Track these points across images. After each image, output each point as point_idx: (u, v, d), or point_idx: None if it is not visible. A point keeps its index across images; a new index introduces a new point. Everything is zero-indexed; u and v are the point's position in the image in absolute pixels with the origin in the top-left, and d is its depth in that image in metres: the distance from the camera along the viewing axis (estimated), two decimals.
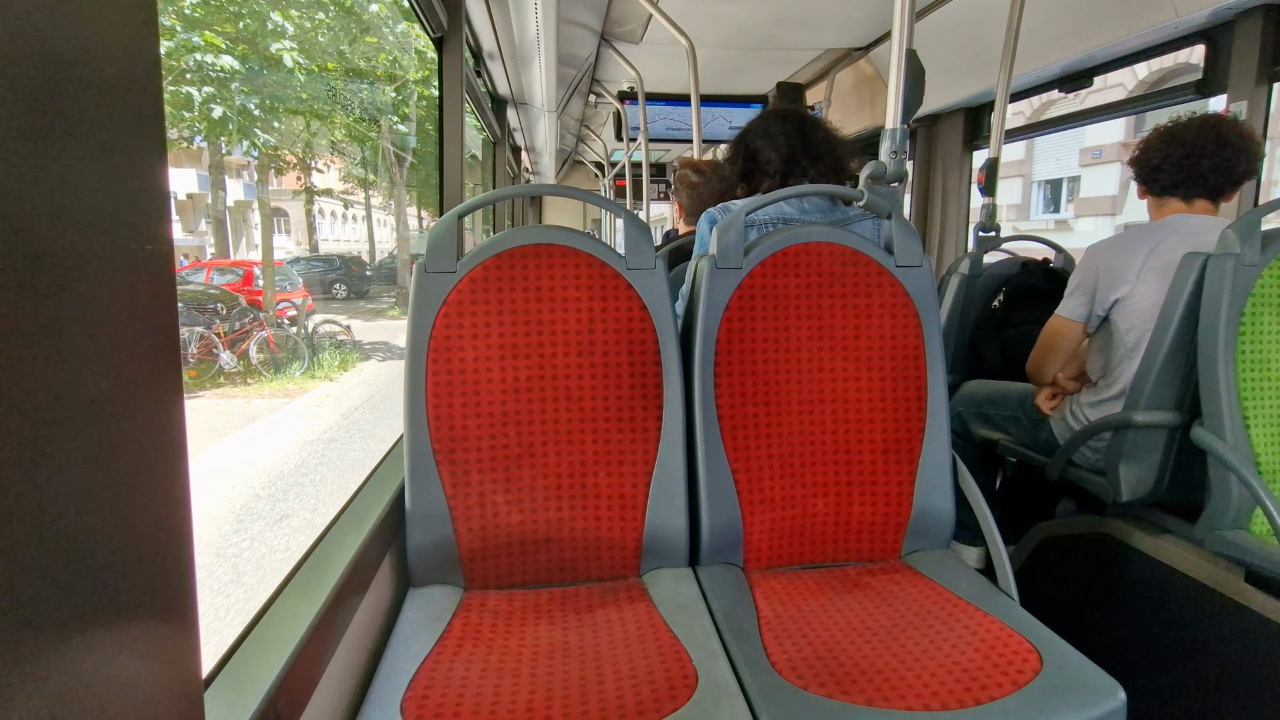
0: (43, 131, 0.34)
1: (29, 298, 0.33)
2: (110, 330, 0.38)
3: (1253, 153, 1.55)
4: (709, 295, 1.22)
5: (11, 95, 0.32)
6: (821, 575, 1.21)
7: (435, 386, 1.14)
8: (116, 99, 0.39)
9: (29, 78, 0.33)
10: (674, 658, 0.93)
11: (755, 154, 1.59)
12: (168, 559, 0.43)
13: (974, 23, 2.71)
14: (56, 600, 0.35)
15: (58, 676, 0.34)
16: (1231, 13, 1.93)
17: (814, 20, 3.07)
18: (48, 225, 0.34)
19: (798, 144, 1.54)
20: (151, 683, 0.42)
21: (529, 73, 3.48)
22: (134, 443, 0.40)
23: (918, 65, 1.33)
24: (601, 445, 1.18)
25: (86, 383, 0.36)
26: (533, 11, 2.37)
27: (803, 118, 1.61)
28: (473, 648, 0.98)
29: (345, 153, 6.51)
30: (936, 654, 0.96)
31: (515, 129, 5.43)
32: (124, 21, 0.40)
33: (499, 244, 1.17)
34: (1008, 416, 1.96)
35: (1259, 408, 1.33)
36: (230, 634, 0.74)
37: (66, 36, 0.35)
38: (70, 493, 0.35)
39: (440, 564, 1.14)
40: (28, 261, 0.32)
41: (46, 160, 0.34)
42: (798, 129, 1.57)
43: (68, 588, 0.35)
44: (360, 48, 5.23)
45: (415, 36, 7.53)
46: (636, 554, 1.20)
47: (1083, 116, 2.74)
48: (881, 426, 1.26)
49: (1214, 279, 1.34)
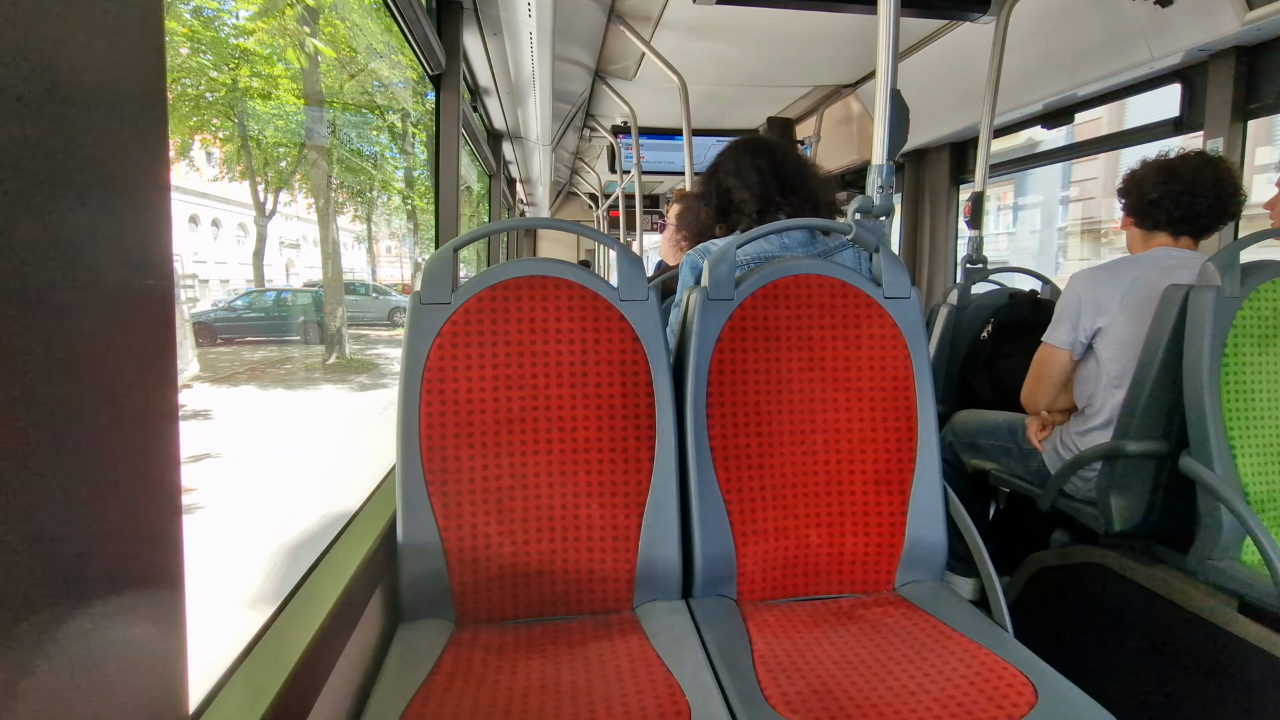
0: (52, 169, 0.35)
1: (33, 324, 0.33)
2: (108, 357, 0.39)
3: (1240, 194, 1.59)
4: (701, 326, 1.23)
5: (22, 134, 0.33)
6: (815, 608, 1.21)
7: (428, 417, 1.14)
8: (123, 139, 0.40)
9: (39, 117, 0.34)
10: (667, 693, 0.92)
11: (728, 193, 1.57)
12: (157, 601, 0.43)
13: (957, 61, 2.79)
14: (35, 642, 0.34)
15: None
16: (1205, 54, 2.00)
17: (803, 59, 3.15)
18: (53, 258, 0.35)
19: (770, 179, 1.53)
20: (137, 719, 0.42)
21: (525, 108, 3.55)
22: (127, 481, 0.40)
23: (902, 104, 1.37)
24: (594, 476, 1.18)
25: (83, 410, 0.37)
26: (528, 50, 2.43)
27: (771, 150, 1.58)
28: (463, 684, 0.96)
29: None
30: (931, 688, 0.95)
31: (510, 161, 5.51)
32: (132, 61, 0.41)
33: (493, 276, 1.19)
34: (998, 446, 1.97)
35: (1245, 437, 1.35)
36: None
37: (76, 77, 0.36)
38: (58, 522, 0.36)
39: (431, 598, 1.13)
40: (33, 291, 0.33)
41: (54, 196, 0.35)
42: (769, 163, 1.54)
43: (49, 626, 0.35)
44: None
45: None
46: (629, 586, 1.19)
47: (1065, 153, 2.81)
48: (873, 457, 1.26)
49: (1196, 311, 1.37)
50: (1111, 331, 1.58)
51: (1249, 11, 1.72)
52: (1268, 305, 1.38)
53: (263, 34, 2.76)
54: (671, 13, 2.53)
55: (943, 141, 3.30)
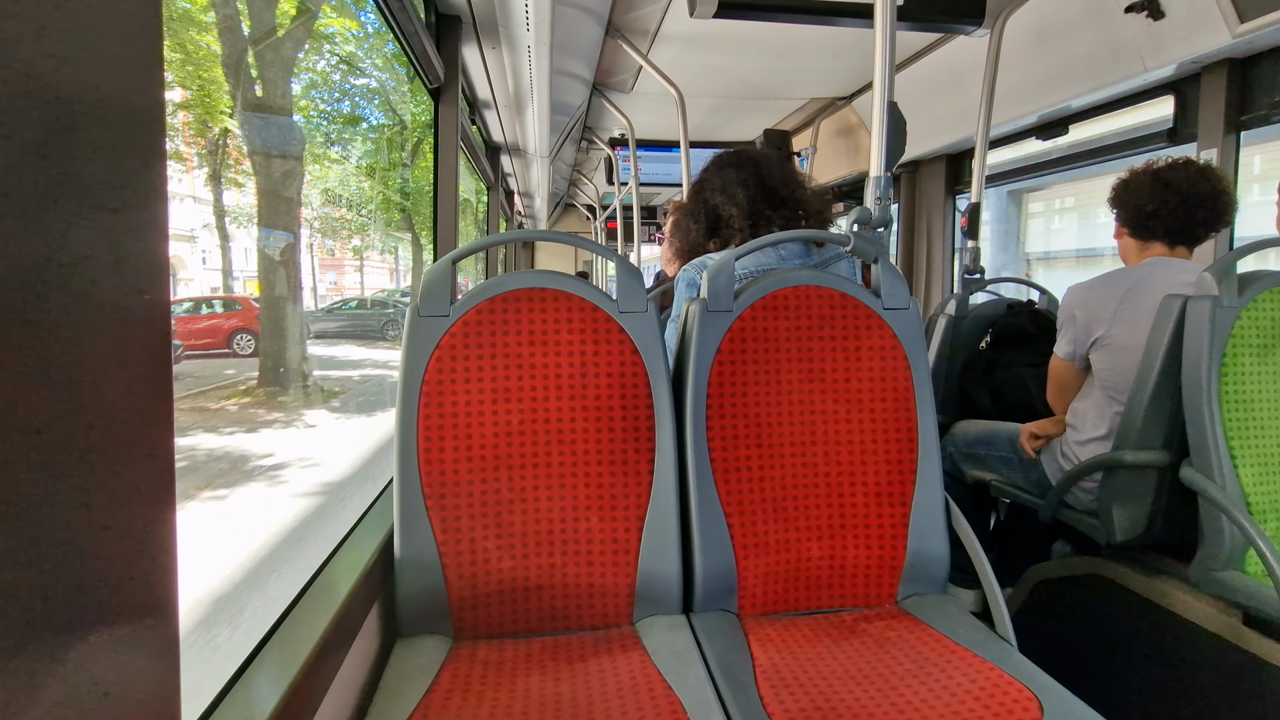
0: (50, 181, 0.34)
1: (29, 334, 0.33)
2: (104, 369, 0.39)
3: (1234, 203, 1.60)
4: (700, 338, 1.23)
5: (20, 146, 0.33)
6: (817, 622, 1.20)
7: (427, 430, 1.13)
8: (121, 151, 0.40)
9: (37, 130, 0.34)
10: (668, 709, 0.91)
11: (716, 209, 1.56)
12: (149, 617, 0.43)
13: (953, 73, 2.82)
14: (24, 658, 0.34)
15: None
16: (1197, 66, 2.02)
17: (799, 71, 3.18)
18: (49, 262, 0.34)
19: (757, 194, 1.52)
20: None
21: (523, 121, 3.57)
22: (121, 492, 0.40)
23: (899, 116, 1.38)
24: (594, 489, 1.17)
25: (78, 421, 0.36)
26: (527, 63, 2.45)
27: (756, 162, 1.56)
28: (461, 701, 0.95)
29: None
30: (935, 703, 0.94)
31: (509, 174, 5.54)
32: (131, 75, 0.41)
33: (492, 288, 1.18)
34: (999, 457, 1.96)
35: (1246, 447, 1.35)
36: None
37: (74, 89, 0.36)
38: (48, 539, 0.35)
39: (429, 613, 1.12)
40: (29, 294, 0.33)
41: (52, 207, 0.35)
42: (754, 176, 1.53)
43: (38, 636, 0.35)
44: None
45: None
46: (629, 601, 1.18)
47: (1059, 163, 2.83)
48: (874, 469, 1.26)
49: (1194, 321, 1.37)
50: (1106, 342, 1.58)
51: (1241, 23, 1.74)
52: (1265, 315, 1.38)
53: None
54: (669, 26, 2.55)
55: (938, 153, 3.32)
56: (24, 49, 0.33)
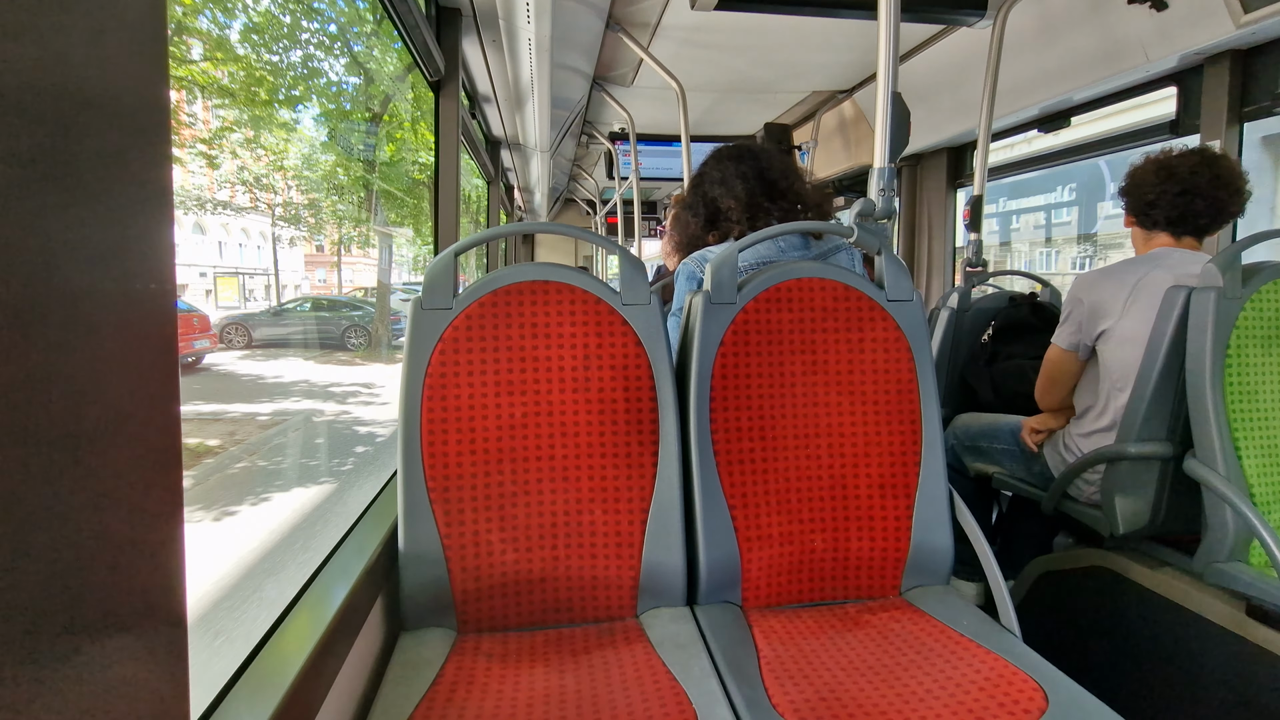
0: (56, 172, 0.34)
1: (34, 329, 0.33)
2: (110, 359, 0.38)
3: (1243, 193, 1.57)
4: (703, 330, 1.22)
5: (27, 137, 0.32)
6: (821, 613, 1.20)
7: (430, 424, 1.13)
8: (127, 143, 0.39)
9: (44, 121, 0.33)
10: (673, 701, 0.91)
11: (715, 203, 1.56)
12: (158, 610, 0.43)
13: (954, 66, 2.81)
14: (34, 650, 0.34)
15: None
16: (1200, 58, 2.01)
17: (800, 65, 3.16)
18: (55, 261, 0.34)
19: (755, 186, 1.52)
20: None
21: (523, 115, 3.56)
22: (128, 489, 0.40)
23: (903, 107, 1.37)
24: (598, 482, 1.17)
25: (84, 410, 0.36)
26: (527, 57, 2.44)
27: (755, 155, 1.57)
28: (466, 694, 0.95)
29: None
30: (940, 694, 0.94)
31: (509, 169, 5.52)
32: (136, 66, 0.40)
33: (494, 281, 1.18)
34: (1001, 449, 1.96)
35: (1250, 438, 1.35)
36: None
37: (80, 81, 0.36)
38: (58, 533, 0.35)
39: (433, 606, 1.12)
40: (35, 293, 0.33)
41: (58, 199, 0.34)
42: (753, 169, 1.54)
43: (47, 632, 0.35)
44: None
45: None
46: (633, 593, 1.18)
47: (1061, 156, 2.82)
48: (877, 460, 1.26)
49: (1198, 312, 1.37)
50: (1115, 334, 1.58)
51: (1245, 14, 1.73)
52: (1270, 306, 1.38)
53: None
54: (669, 19, 2.53)
55: (940, 146, 3.31)
56: (26, 40, 0.33)
